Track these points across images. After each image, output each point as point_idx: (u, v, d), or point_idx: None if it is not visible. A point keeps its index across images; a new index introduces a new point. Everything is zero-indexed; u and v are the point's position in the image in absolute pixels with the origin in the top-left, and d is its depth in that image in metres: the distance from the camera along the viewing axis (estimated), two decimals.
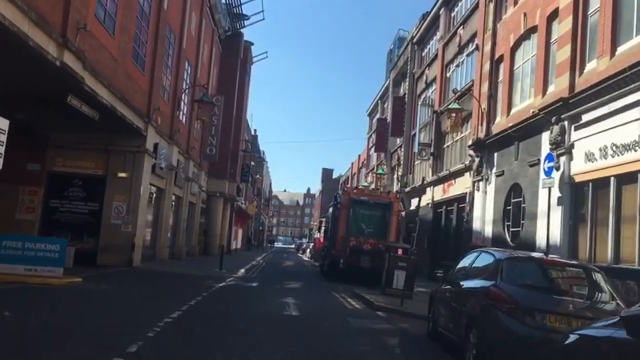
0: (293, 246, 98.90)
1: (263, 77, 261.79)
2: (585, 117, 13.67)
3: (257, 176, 65.20)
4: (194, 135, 30.23)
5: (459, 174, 23.34)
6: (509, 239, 18.16)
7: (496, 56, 20.48)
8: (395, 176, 36.81)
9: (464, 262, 9.28)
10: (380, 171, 37.25)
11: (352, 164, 65.81)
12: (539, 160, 16.00)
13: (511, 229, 18.14)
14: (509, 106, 18.99)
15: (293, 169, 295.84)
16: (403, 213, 23.86)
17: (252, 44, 42.55)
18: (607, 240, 12.43)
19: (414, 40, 34.17)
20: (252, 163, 55.13)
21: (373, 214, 23.10)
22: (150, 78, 20.34)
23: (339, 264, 21.95)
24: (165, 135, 23.22)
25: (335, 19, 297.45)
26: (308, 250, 59.39)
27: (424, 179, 28.48)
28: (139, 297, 12.53)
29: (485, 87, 21.10)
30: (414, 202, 29.75)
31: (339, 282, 21.67)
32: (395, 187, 34.83)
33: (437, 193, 26.71)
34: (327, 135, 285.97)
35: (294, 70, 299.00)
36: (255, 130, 66.95)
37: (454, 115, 20.97)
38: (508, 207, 18.38)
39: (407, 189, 31.78)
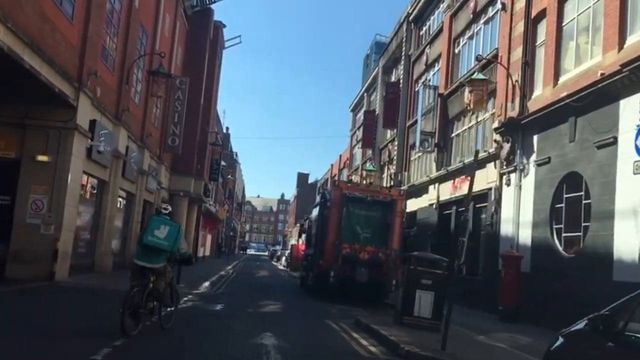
0: (267, 253, 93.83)
1: (234, 78, 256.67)
2: None
3: (229, 177, 60.03)
4: (151, 121, 25.19)
5: (477, 166, 18.76)
6: (560, 247, 13.65)
7: (533, 14, 16.05)
8: (386, 174, 32.22)
9: None
10: (370, 167, 32.53)
11: (332, 165, 61.13)
12: (614, 138, 11.54)
13: (564, 234, 13.62)
14: (556, 73, 14.54)
15: (267, 173, 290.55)
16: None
17: (225, 25, 37.69)
18: None
19: (410, 18, 29.72)
20: (224, 163, 50.06)
21: (371, 215, 18.43)
22: (83, 30, 15.33)
23: (329, 277, 17.20)
24: (108, 112, 18.20)
25: (307, 22, 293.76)
26: (283, 258, 54.44)
27: (427, 175, 23.93)
28: (27, 334, 7.61)
29: (516, 55, 16.66)
30: (411, 204, 25.22)
31: (329, 300, 16.98)
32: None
33: (444, 191, 22.19)
34: (304, 135, 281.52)
35: (261, 71, 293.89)
36: (227, 128, 61.86)
37: (479, 89, 16.45)
38: (558, 205, 13.87)
39: (403, 188, 27.16)
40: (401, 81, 30.06)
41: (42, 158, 14.81)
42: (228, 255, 62.00)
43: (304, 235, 27.45)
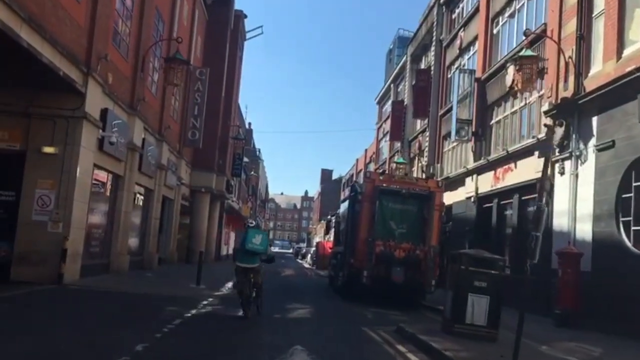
0: (291, 251, 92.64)
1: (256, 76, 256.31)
2: None
3: (252, 173, 58.79)
4: (169, 113, 23.96)
5: (523, 154, 17.10)
6: (629, 243, 11.92)
7: None
8: (416, 167, 30.55)
9: None
10: (399, 160, 30.81)
11: (357, 160, 59.48)
12: None
13: (633, 228, 11.89)
14: (620, 46, 12.79)
15: (290, 171, 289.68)
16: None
17: (246, 15, 36.35)
18: None
19: (441, 1, 27.98)
20: (246, 159, 48.79)
21: (406, 209, 16.92)
22: (91, 10, 14.06)
23: (362, 277, 15.73)
24: (122, 101, 16.94)
25: (328, 15, 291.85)
26: (309, 256, 53.05)
27: (464, 166, 22.24)
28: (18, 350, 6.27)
29: (569, 28, 14.91)
30: (446, 197, 23.45)
31: (362, 303, 15.55)
32: None
33: (483, 183, 20.49)
34: (326, 129, 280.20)
35: (281, 65, 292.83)
36: (250, 124, 60.60)
37: (528, 67, 14.74)
38: (626, 195, 12.14)
39: (440, 179, 25.44)
40: (432, 68, 28.35)
41: (48, 150, 13.58)
42: None
43: (331, 232, 26.01)
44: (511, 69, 15.42)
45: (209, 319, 10.77)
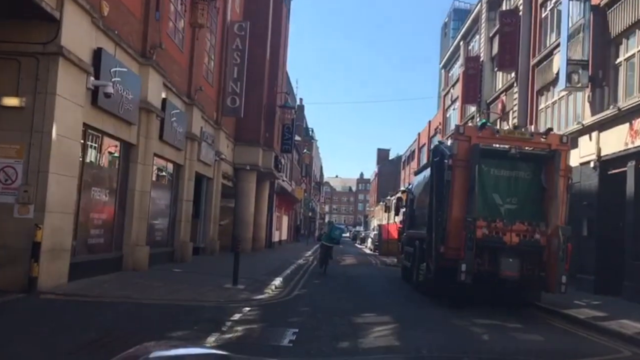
0: (348, 235, 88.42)
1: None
2: None
3: (305, 151, 54.51)
4: (202, 73, 19.79)
5: None
6: None
7: None
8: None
9: None
10: (483, 122, 25.62)
11: (419, 134, 54.11)
12: None
13: None
14: None
15: (345, 152, 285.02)
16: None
17: None
18: None
19: None
20: (298, 137, 44.48)
21: (519, 176, 12.22)
22: None
23: (459, 272, 11.08)
24: (127, 44, 12.77)
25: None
26: (369, 240, 48.50)
27: (577, 122, 17.04)
28: None
29: None
30: None
31: (456, 307, 11.10)
32: None
33: (608, 143, 15.35)
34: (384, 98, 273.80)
35: (331, 39, 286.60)
36: (301, 100, 56.16)
37: None
38: None
39: (565, 133, 20.29)
40: (520, 7, 23.02)
41: (10, 101, 9.53)
42: (307, 238, 56.84)
43: (401, 212, 21.34)
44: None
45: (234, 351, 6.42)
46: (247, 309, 9.78)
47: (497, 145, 12.13)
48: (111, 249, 12.98)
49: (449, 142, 14.57)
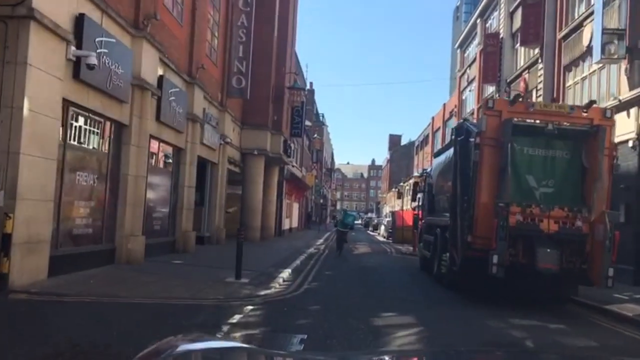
0: (360, 222, 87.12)
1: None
2: None
3: (316, 136, 53.13)
4: (204, 51, 18.47)
5: None
6: None
7: None
8: None
9: None
10: (517, 94, 24.03)
11: (433, 118, 52.42)
12: None
13: None
14: None
15: (356, 139, 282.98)
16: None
17: None
18: None
19: None
20: (308, 122, 43.02)
21: (556, 155, 10.83)
22: None
23: (491, 265, 9.75)
24: (115, 12, 11.46)
25: None
26: (382, 227, 47.15)
27: (614, 98, 15.54)
28: None
29: None
30: None
31: (485, 303, 9.80)
32: None
33: None
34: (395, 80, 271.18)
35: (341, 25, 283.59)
36: (311, 84, 54.65)
37: None
38: None
39: (608, 106, 18.83)
40: None
41: None
42: (319, 225, 55.62)
43: (418, 197, 20.01)
44: None
45: None
46: (250, 307, 8.54)
47: (532, 121, 10.72)
48: (101, 240, 11.76)
49: (480, 116, 13.16)
